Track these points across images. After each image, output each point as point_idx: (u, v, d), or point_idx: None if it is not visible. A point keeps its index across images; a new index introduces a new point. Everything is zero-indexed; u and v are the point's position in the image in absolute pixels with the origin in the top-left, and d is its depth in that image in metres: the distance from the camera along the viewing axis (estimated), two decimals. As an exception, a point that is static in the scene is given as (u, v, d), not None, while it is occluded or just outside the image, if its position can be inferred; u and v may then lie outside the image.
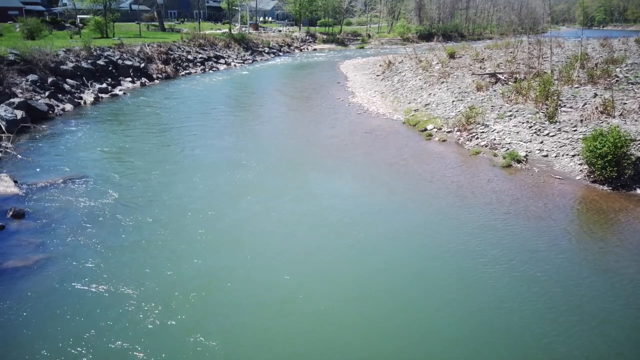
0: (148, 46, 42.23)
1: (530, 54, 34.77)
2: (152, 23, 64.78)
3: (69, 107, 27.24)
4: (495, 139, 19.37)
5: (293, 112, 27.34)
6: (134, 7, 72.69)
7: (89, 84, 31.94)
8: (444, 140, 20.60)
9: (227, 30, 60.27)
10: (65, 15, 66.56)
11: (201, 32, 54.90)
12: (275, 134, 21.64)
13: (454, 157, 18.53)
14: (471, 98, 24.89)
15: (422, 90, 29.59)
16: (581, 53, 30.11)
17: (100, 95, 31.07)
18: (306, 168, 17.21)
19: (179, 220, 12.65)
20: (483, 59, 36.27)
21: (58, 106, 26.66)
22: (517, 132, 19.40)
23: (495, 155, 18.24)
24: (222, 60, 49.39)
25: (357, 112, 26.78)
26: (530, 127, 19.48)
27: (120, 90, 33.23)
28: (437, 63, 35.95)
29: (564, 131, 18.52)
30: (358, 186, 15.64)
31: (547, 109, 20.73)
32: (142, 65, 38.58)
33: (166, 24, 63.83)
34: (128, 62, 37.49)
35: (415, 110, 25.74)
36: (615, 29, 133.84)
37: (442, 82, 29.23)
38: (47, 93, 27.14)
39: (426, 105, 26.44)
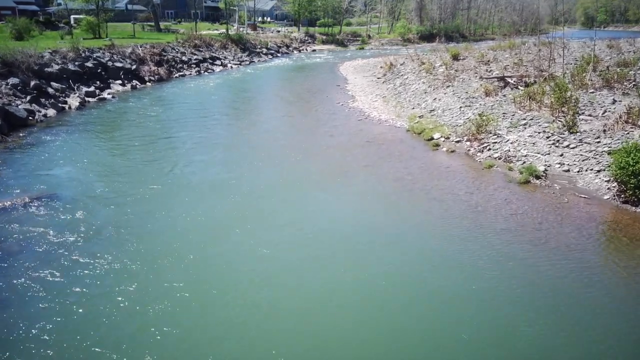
0: (140, 47, 40.38)
1: (537, 55, 32.99)
2: (148, 23, 62.90)
3: (51, 112, 25.40)
4: (509, 151, 17.55)
5: (290, 118, 25.50)
6: (130, 7, 70.80)
7: (75, 88, 30.09)
8: (452, 151, 18.77)
9: (224, 30, 58.40)
10: (59, 15, 64.63)
11: (197, 33, 53.04)
12: (271, 146, 19.77)
13: (465, 171, 16.70)
14: (480, 104, 23.06)
15: (427, 94, 27.77)
16: (593, 55, 28.37)
17: (87, 99, 29.23)
18: (303, 186, 15.36)
19: (154, 265, 10.70)
20: (488, 61, 34.45)
21: (40, 112, 24.81)
22: (533, 143, 17.58)
23: (510, 169, 16.42)
24: (218, 62, 47.54)
25: (358, 118, 24.95)
26: (547, 137, 17.66)
27: (109, 93, 31.38)
28: (441, 65, 34.14)
29: (585, 143, 16.69)
30: (361, 207, 13.82)
31: (565, 117, 18.92)
32: (134, 67, 36.73)
33: (162, 24, 61.96)
34: (118, 64, 35.63)
35: (419, 117, 23.91)
36: (617, 29, 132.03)
37: (448, 86, 27.40)
38: (28, 97, 25.29)
39: (431, 111, 24.61)
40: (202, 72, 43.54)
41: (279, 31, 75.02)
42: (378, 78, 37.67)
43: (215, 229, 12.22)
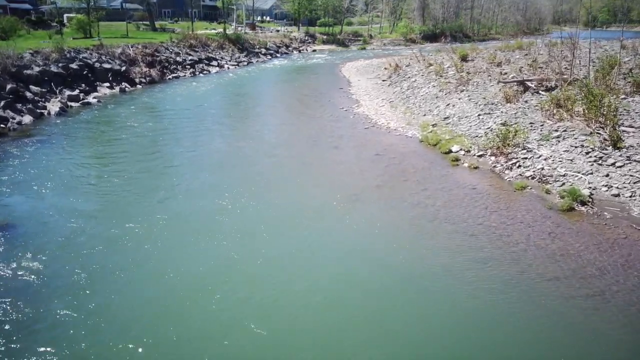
0: (131, 47, 37.73)
1: (554, 57, 30.44)
2: (144, 22, 60.23)
3: (27, 119, 22.79)
4: (543, 169, 14.96)
5: (291, 127, 22.83)
6: (126, 5, 68.12)
7: (57, 91, 27.46)
8: (475, 168, 16.19)
9: (222, 30, 55.74)
10: (52, 14, 61.95)
11: (192, 32, 50.37)
12: (269, 164, 17.12)
13: (494, 193, 14.12)
14: (501, 111, 20.48)
15: (438, 99, 25.18)
16: (609, 56, 25.90)
17: (69, 104, 26.62)
18: (305, 217, 12.76)
19: (123, 325, 8.20)
20: (500, 62, 31.87)
21: (14, 119, 22.21)
22: (571, 160, 15.00)
23: (547, 191, 13.84)
24: (214, 63, 44.89)
25: (364, 126, 22.37)
26: (587, 153, 15.08)
27: (94, 97, 28.77)
28: (449, 67, 31.58)
29: (635, 160, 14.13)
30: (374, 244, 11.25)
31: (604, 128, 16.37)
32: (123, 68, 34.08)
33: (158, 24, 59.28)
34: (106, 65, 33.01)
35: (433, 125, 21.33)
36: (620, 29, 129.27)
37: (462, 91, 24.80)
38: (2, 103, 22.66)
39: (445, 118, 22.03)
40: (198, 73, 40.91)
41: (278, 31, 72.34)
42: (383, 80, 35.09)
43: (201, 284, 9.65)
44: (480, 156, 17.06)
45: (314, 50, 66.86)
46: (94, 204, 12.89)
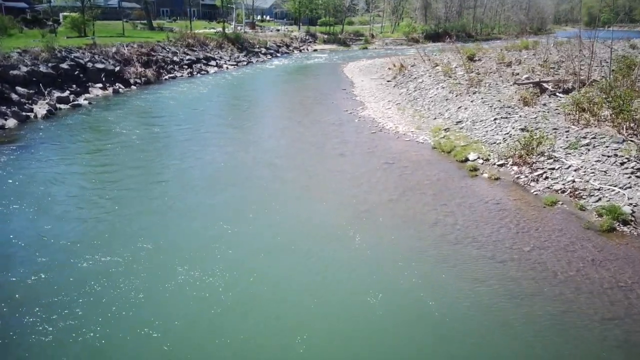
0: (126, 46, 36.09)
1: (564, 56, 28.88)
2: (142, 22, 58.55)
3: (11, 123, 21.16)
4: (574, 181, 13.35)
5: (292, 132, 21.15)
6: (123, 4, 66.43)
7: (46, 92, 25.85)
8: (496, 179, 14.58)
9: (221, 29, 54.07)
10: (48, 13, 60.25)
11: (191, 31, 48.73)
12: (268, 175, 15.45)
13: (521, 209, 12.51)
14: (519, 115, 18.85)
15: (449, 101, 23.56)
16: (623, 56, 24.37)
17: (58, 106, 25.00)
18: (308, 239, 11.16)
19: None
20: (510, 62, 30.30)
21: (-5, 122, 20.64)
22: (605, 172, 13.39)
23: (581, 208, 12.23)
24: (212, 62, 43.25)
25: (371, 131, 20.76)
26: (622, 164, 13.47)
27: (85, 99, 27.14)
28: (457, 67, 29.99)
29: (679, 173, 12.54)
30: (388, 272, 9.64)
31: (636, 135, 14.78)
32: (117, 68, 32.45)
33: (156, 23, 57.59)
34: (99, 65, 31.38)
35: (445, 130, 19.71)
36: (622, 29, 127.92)
37: (474, 92, 23.18)
38: (-17, 106, 21.11)
39: (458, 122, 20.42)
40: (195, 73, 39.27)
41: (278, 30, 70.69)
42: (388, 81, 33.48)
43: (194, 325, 8.05)
44: (500, 165, 15.44)
45: (315, 50, 65.24)
46: (68, 231, 11.20)
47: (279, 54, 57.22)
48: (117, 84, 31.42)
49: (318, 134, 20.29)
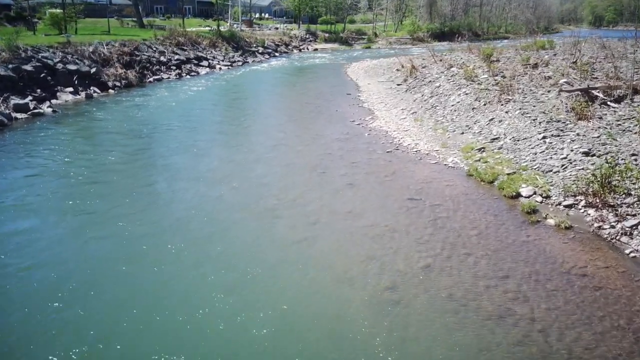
0: (106, 45, 31.76)
1: (594, 57, 24.66)
2: (132, 19, 54.20)
3: (-55, 138, 16.95)
4: (691, 239, 9.13)
5: (286, 151, 16.69)
6: (115, 0, 62.12)
7: (1, 99, 21.57)
8: (567, 228, 10.32)
9: (215, 27, 49.69)
10: (34, 9, 55.85)
11: (182, 29, 44.40)
12: (251, 225, 11.18)
13: (622, 287, 8.26)
14: (576, 133, 14.58)
15: (476, 111, 19.32)
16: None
17: (14, 115, 20.76)
18: (306, 347, 6.94)
19: None
20: (536, 63, 25.99)
21: None
22: None
23: None
24: (204, 63, 38.91)
25: (386, 149, 16.51)
26: None
27: (50, 106, 22.85)
28: (474, 68, 25.74)
29: None
30: None
31: None
32: (93, 69, 28.16)
33: (147, 20, 53.21)
34: (72, 67, 27.08)
35: (480, 150, 15.45)
36: (627, 29, 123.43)
37: (507, 101, 18.94)
38: None
39: (494, 140, 16.16)
40: (184, 75, 34.99)
41: (277, 28, 66.31)
42: (398, 85, 29.20)
43: None
44: (569, 207, 11.17)
45: (316, 50, 60.90)
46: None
47: (277, 54, 52.87)
48: (92, 88, 27.16)
49: (320, 154, 16.01)
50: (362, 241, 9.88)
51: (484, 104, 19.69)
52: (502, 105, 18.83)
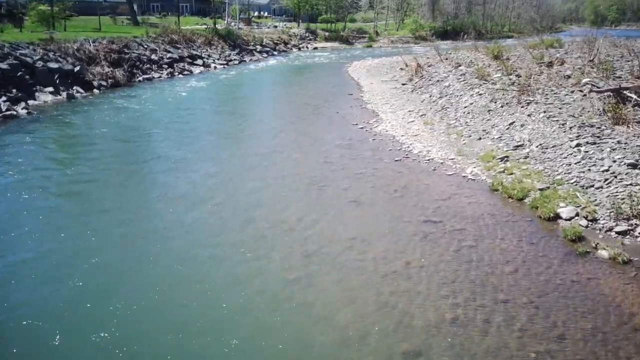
0: (93, 43, 29.65)
1: (611, 55, 22.58)
2: (128, 17, 52.08)
3: None
4: None
5: (281, 160, 14.40)
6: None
7: (-31, 100, 19.50)
8: (626, 262, 8.21)
9: (211, 24, 47.55)
10: (24, 7, 53.73)
11: (176, 26, 42.31)
12: (240, 244, 9.13)
13: None
14: (615, 140, 12.48)
15: (493, 114, 17.22)
16: None
17: (-17, 117, 18.70)
18: None
19: None
20: (551, 62, 23.84)
21: None
22: None
23: None
24: (199, 61, 36.76)
25: (394, 157, 14.41)
26: None
27: (24, 108, 20.72)
28: (484, 67, 23.64)
29: None
30: None
31: None
32: (77, 68, 26.04)
33: (142, 18, 51.10)
34: (53, 65, 24.96)
35: (502, 160, 13.33)
36: (630, 28, 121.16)
37: (528, 102, 16.82)
38: None
39: (517, 147, 14.05)
40: (177, 74, 32.87)
41: (276, 27, 64.20)
42: (403, 84, 27.10)
43: None
44: (623, 233, 9.06)
45: (315, 48, 58.75)
46: None
47: (275, 52, 50.73)
48: (74, 88, 25.04)
49: (319, 163, 13.90)
50: (370, 281, 7.78)
51: (501, 106, 17.59)
52: (522, 107, 16.72)
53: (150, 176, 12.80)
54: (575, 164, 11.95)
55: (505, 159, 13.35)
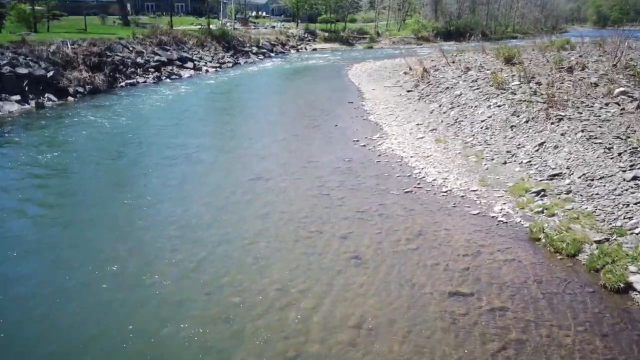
0: (71, 45, 26.97)
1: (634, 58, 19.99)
2: (119, 17, 49.39)
3: None
4: None
5: (266, 191, 11.52)
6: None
7: None
8: None
9: (205, 25, 44.83)
10: (5, 7, 51.03)
11: (168, 27, 39.62)
12: (186, 346, 6.58)
13: None
14: (683, 172, 9.80)
15: (517, 130, 14.54)
16: None
17: None
18: None
19: None
20: (571, 66, 21.14)
21: None
22: None
23: None
24: (189, 64, 34.08)
25: (403, 186, 11.75)
26: None
27: (-19, 119, 18.15)
28: (498, 71, 20.94)
29: None
30: None
31: None
32: (51, 73, 23.37)
33: (132, 18, 48.37)
34: (22, 70, 22.29)
35: (539, 195, 10.63)
36: (633, 28, 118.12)
37: (559, 118, 14.13)
38: None
39: (554, 176, 11.37)
40: (164, 78, 30.22)
41: (274, 27, 61.47)
42: (408, 91, 24.43)
43: None
44: None
45: (315, 49, 56.04)
46: None
47: (273, 54, 48.02)
48: (46, 95, 22.46)
49: (312, 196, 11.23)
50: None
51: (526, 121, 14.90)
52: (552, 124, 14.03)
53: (134, 219, 10.11)
54: (635, 204, 9.28)
55: (542, 193, 10.66)
